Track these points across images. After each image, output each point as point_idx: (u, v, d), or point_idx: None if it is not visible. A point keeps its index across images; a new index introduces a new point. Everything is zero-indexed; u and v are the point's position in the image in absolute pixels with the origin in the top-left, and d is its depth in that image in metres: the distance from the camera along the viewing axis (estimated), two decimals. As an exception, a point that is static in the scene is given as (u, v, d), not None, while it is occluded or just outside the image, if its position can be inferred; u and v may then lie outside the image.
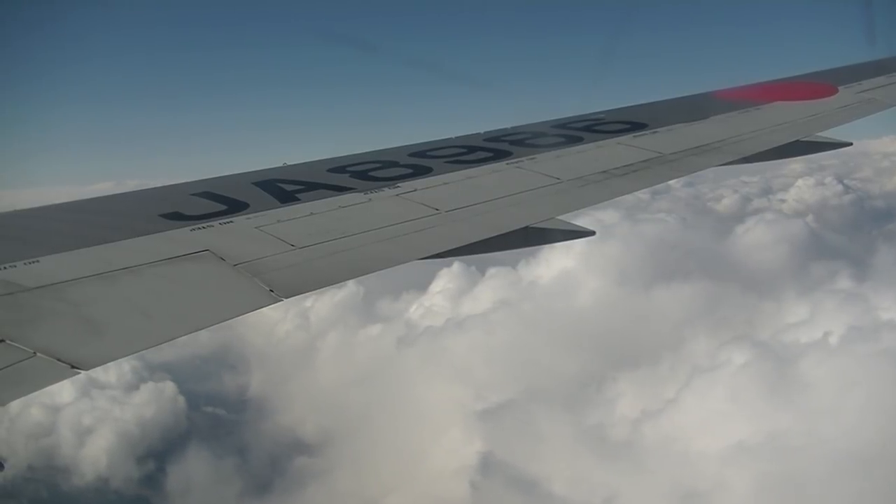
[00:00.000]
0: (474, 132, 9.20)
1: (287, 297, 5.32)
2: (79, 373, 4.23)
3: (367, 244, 6.15)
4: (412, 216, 6.65)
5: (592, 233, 6.94)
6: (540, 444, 64.79)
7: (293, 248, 5.92)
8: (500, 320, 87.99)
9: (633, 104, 10.47)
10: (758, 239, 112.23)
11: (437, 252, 6.26)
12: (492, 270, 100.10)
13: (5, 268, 5.16)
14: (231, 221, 6.30)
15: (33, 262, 5.29)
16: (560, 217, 6.93)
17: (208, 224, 6.20)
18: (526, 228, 6.69)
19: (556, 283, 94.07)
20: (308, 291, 5.52)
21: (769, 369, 63.92)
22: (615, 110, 10.12)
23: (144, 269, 5.37)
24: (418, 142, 8.84)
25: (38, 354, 4.23)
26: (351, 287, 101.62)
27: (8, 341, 4.30)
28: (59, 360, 4.22)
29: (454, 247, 6.33)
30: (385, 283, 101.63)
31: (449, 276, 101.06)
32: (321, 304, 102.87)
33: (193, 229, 6.09)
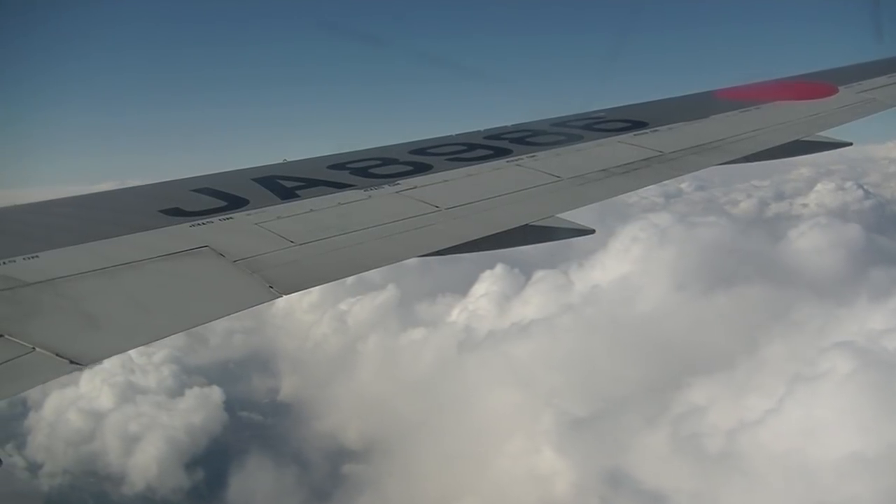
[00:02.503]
0: (476, 129, 9.09)
1: (286, 294, 5.24)
2: (78, 368, 4.17)
3: (366, 241, 6.07)
4: (412, 213, 6.56)
5: (592, 231, 6.84)
6: (642, 455, 61.23)
7: (293, 244, 5.85)
8: (560, 325, 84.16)
9: (633, 103, 10.36)
10: (810, 243, 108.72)
11: (437, 249, 6.18)
12: (539, 274, 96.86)
13: (5, 263, 5.10)
14: (231, 218, 6.22)
15: (33, 257, 5.24)
16: (560, 215, 6.82)
17: (208, 220, 6.14)
18: (526, 226, 6.60)
19: (611, 287, 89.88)
20: (307, 288, 5.45)
21: (877, 377, 59.62)
22: (616, 109, 9.99)
23: (144, 265, 5.31)
24: (421, 138, 8.76)
25: (38, 349, 4.17)
26: (390, 290, 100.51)
27: (7, 336, 4.24)
28: (58, 354, 4.15)
29: (454, 244, 6.25)
30: (421, 285, 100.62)
31: (492, 279, 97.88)
32: (359, 307, 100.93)
33: (193, 225, 6.02)
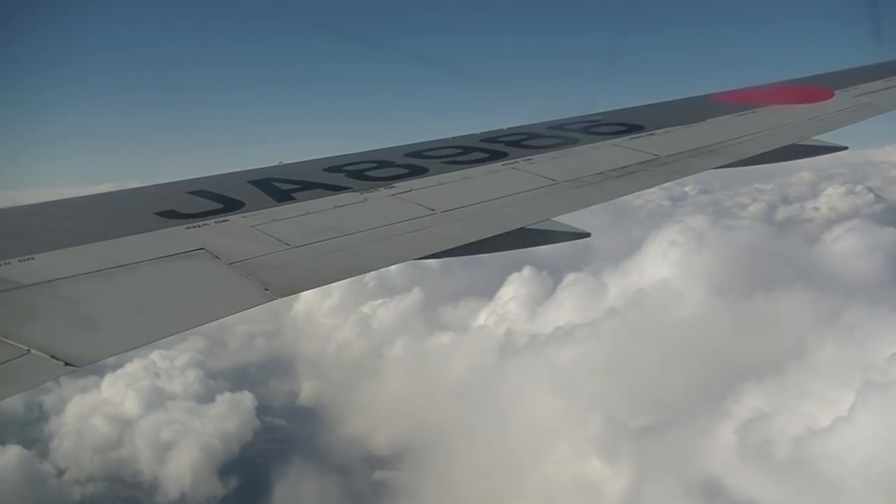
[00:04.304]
0: (473, 132, 9.06)
1: (281, 297, 5.21)
2: (73, 369, 4.14)
3: (362, 244, 6.03)
4: (408, 216, 6.52)
5: (588, 234, 6.78)
6: (709, 461, 58.53)
7: (288, 247, 5.80)
8: (597, 329, 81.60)
9: (630, 106, 10.30)
10: (846, 246, 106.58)
11: (433, 252, 6.13)
12: (570, 277, 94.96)
13: (0, 265, 5.06)
14: (226, 220, 6.19)
15: (28, 258, 5.20)
16: (556, 218, 6.78)
17: (204, 222, 6.10)
18: (522, 229, 6.54)
19: (646, 290, 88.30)
20: (303, 291, 5.42)
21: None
22: (612, 112, 9.94)
23: (139, 267, 5.27)
24: (418, 140, 8.74)
25: (33, 351, 4.15)
26: (415, 293, 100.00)
27: (2, 338, 4.22)
28: (53, 356, 4.14)
29: (450, 247, 6.19)
30: (443, 288, 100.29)
31: (520, 282, 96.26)
32: (383, 310, 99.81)
33: (189, 227, 5.98)
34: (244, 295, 5.19)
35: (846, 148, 8.96)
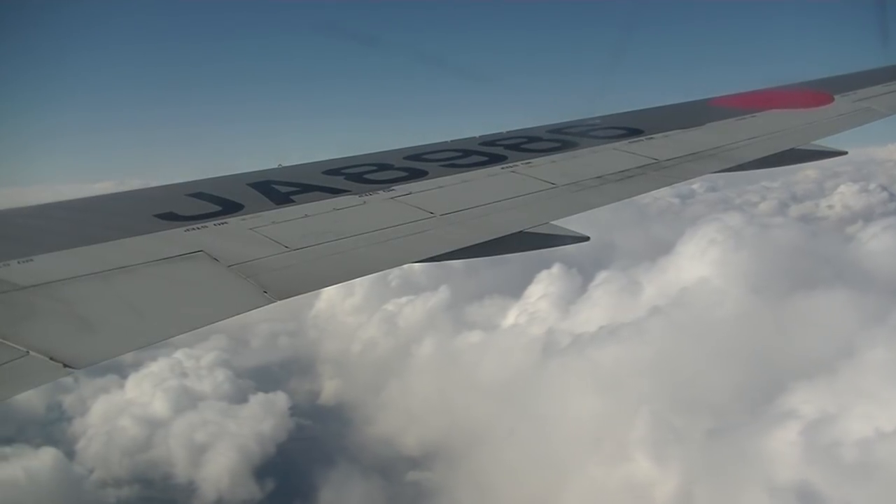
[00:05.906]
0: (474, 133, 9.09)
1: (280, 299, 5.20)
2: (71, 371, 4.16)
3: (361, 247, 6.02)
4: (407, 219, 6.52)
5: (587, 238, 6.75)
6: (772, 463, 54.93)
7: (287, 249, 5.81)
8: (633, 328, 77.99)
9: (630, 109, 10.32)
10: (886, 245, 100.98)
11: (432, 255, 6.12)
12: (602, 275, 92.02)
13: None
14: (225, 222, 6.20)
15: (27, 260, 5.22)
16: (555, 222, 6.77)
17: (203, 225, 6.09)
18: (521, 233, 6.53)
19: (687, 289, 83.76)
20: (302, 293, 5.39)
21: None
22: (611, 116, 9.90)
23: (138, 269, 5.28)
24: (419, 142, 8.76)
25: (31, 353, 4.17)
26: (441, 291, 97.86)
27: (1, 339, 4.24)
28: (51, 358, 4.16)
29: (449, 250, 6.19)
30: (467, 286, 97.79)
31: (549, 280, 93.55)
32: (409, 308, 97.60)
33: (188, 230, 5.98)
34: (243, 297, 5.21)
35: (846, 153, 8.95)
